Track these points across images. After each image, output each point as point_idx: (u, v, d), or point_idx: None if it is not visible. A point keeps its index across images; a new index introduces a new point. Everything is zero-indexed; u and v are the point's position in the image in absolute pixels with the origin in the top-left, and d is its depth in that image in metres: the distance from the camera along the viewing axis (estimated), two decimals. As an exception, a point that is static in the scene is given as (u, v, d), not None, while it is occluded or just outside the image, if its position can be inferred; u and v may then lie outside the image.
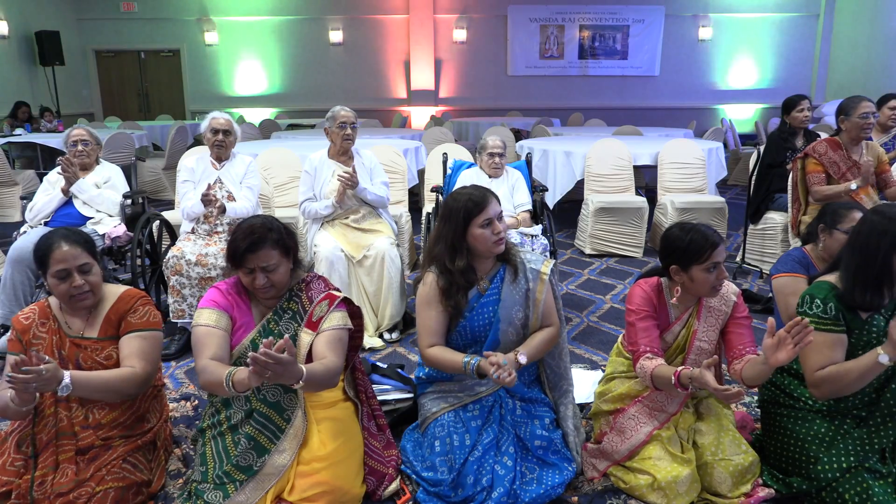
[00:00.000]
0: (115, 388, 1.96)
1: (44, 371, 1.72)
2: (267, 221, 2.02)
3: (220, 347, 1.95)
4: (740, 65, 12.09)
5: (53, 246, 1.97)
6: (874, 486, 1.87)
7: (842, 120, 3.62)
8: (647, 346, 2.08)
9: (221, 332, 1.98)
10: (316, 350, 1.98)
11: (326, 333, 1.99)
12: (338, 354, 1.97)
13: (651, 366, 2.03)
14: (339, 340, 2.00)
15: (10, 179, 6.03)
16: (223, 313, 2.01)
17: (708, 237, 2.01)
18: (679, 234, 2.05)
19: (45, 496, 1.84)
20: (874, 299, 1.93)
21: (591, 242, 5.08)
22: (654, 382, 2.03)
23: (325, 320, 2.01)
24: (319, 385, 1.90)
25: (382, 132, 8.02)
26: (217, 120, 3.49)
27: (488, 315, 2.17)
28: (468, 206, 2.11)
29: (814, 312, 1.97)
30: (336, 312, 2.03)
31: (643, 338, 2.09)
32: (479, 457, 2.04)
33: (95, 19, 11.63)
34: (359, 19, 11.76)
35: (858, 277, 1.93)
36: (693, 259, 2.02)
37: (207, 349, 1.93)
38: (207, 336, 1.96)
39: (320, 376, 1.87)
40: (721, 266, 2.03)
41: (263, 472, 1.91)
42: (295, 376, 1.74)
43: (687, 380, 1.91)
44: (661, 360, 2.05)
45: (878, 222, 1.93)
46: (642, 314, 2.11)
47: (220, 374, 1.82)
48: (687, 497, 2.00)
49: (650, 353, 2.07)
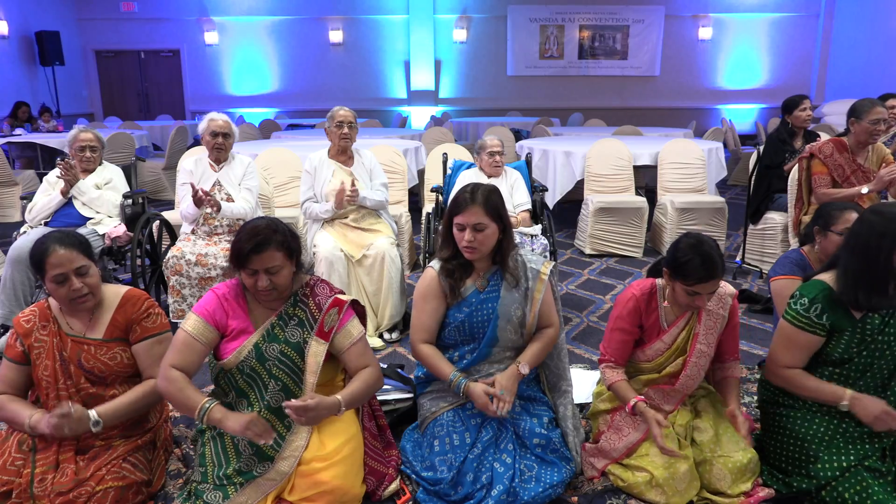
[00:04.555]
0: (144, 404, 2.07)
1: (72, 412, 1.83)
2: (272, 223, 2.00)
3: (191, 362, 1.97)
4: (740, 65, 12.09)
5: (49, 251, 1.96)
6: (874, 484, 1.87)
7: (852, 122, 3.52)
8: (613, 358, 2.18)
9: (200, 347, 1.98)
10: (350, 366, 2.07)
11: (353, 349, 2.06)
12: (370, 360, 2.08)
13: (613, 377, 2.16)
14: (365, 347, 2.10)
15: (10, 179, 6.04)
16: (211, 328, 1.99)
17: (705, 268, 1.96)
18: (685, 248, 2.00)
19: (45, 494, 1.84)
20: (881, 300, 1.92)
21: (590, 242, 5.08)
22: (611, 390, 2.18)
23: (343, 334, 2.04)
24: (366, 398, 2.08)
25: (382, 132, 8.02)
26: (215, 122, 3.45)
27: (487, 312, 2.17)
28: (453, 202, 2.16)
29: (795, 309, 2.01)
30: (350, 323, 2.07)
31: (612, 348, 2.19)
32: (479, 454, 2.04)
33: (95, 19, 11.63)
34: (359, 19, 11.76)
35: (861, 280, 1.91)
36: (680, 276, 2.02)
37: (179, 356, 1.95)
38: (185, 345, 1.96)
39: (363, 393, 2.02)
40: (703, 296, 2.02)
41: (266, 476, 1.91)
42: (333, 408, 1.88)
43: (640, 413, 2.04)
44: (622, 375, 2.16)
45: (877, 223, 1.91)
46: (621, 326, 2.16)
47: (193, 398, 1.89)
48: (686, 494, 2.00)
49: (613, 364, 2.18)
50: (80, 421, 1.85)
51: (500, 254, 2.19)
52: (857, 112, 3.51)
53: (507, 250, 2.19)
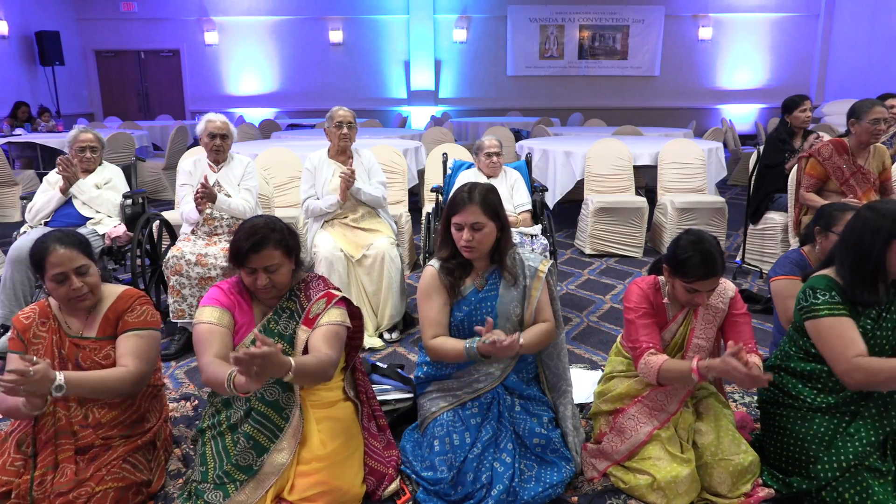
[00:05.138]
0: (110, 387, 1.95)
1: (31, 373, 1.69)
2: (270, 221, 2.01)
3: (223, 345, 1.94)
4: (740, 65, 12.09)
5: (49, 250, 1.96)
6: (874, 484, 1.87)
7: (852, 123, 3.52)
8: (650, 343, 2.06)
9: (224, 330, 1.98)
10: (311, 344, 1.95)
11: (323, 328, 1.97)
12: (333, 348, 1.94)
13: (658, 361, 2.01)
14: (336, 335, 1.98)
15: (10, 179, 6.04)
16: (225, 311, 2.01)
17: (704, 265, 1.96)
18: (685, 245, 2.01)
19: (45, 496, 1.84)
20: (870, 296, 1.94)
21: (590, 242, 5.08)
22: (662, 377, 2.01)
23: (323, 316, 2.00)
24: (312, 377, 1.87)
25: (382, 132, 8.02)
26: (213, 123, 3.43)
27: (486, 311, 2.17)
28: (451, 202, 2.16)
29: (822, 300, 1.95)
30: (334, 309, 2.02)
31: (644, 335, 2.08)
32: (479, 454, 2.04)
33: (95, 19, 11.63)
34: (359, 19, 11.77)
35: (854, 275, 1.94)
36: (680, 273, 2.02)
37: (210, 346, 1.92)
38: (210, 333, 1.95)
39: (312, 368, 1.83)
40: (702, 294, 2.02)
41: (263, 471, 1.91)
42: (283, 367, 1.70)
43: (706, 369, 1.89)
44: (666, 356, 2.04)
45: (871, 219, 1.92)
46: (640, 311, 2.12)
47: (221, 373, 1.80)
48: (687, 497, 2.00)
49: (653, 350, 2.05)
50: (41, 381, 1.71)
51: (499, 252, 2.19)
52: (856, 112, 3.50)
53: (505, 249, 2.19)
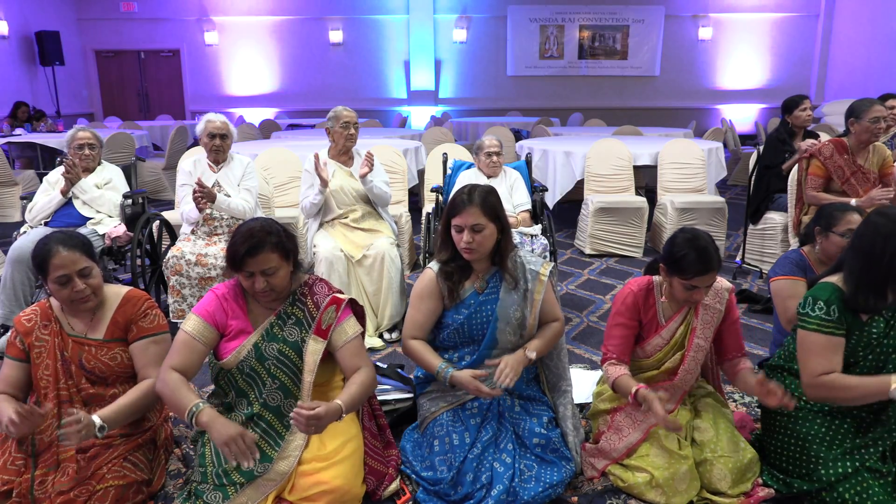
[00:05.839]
0: (143, 405, 2.04)
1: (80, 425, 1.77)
2: (266, 225, 1.99)
3: (191, 363, 1.97)
4: (740, 65, 12.09)
5: (52, 252, 1.95)
6: (874, 485, 1.87)
7: (851, 122, 3.52)
8: (615, 354, 2.17)
9: (201, 347, 1.99)
10: (344, 365, 2.04)
11: (347, 347, 2.04)
12: (364, 359, 2.05)
13: (615, 373, 2.13)
14: (360, 346, 2.07)
15: (10, 179, 6.04)
16: (211, 328, 2.00)
17: (701, 262, 1.98)
18: (681, 243, 2.02)
19: (46, 495, 1.84)
20: (878, 302, 1.92)
21: (590, 242, 5.08)
22: (615, 388, 2.14)
23: (339, 332, 2.03)
24: (364, 399, 2.05)
25: (382, 132, 8.02)
26: (213, 123, 3.44)
27: (486, 314, 2.17)
28: (451, 204, 2.16)
29: (816, 315, 1.95)
30: (347, 321, 2.06)
31: (614, 344, 2.18)
32: (479, 454, 2.04)
33: (95, 19, 11.63)
34: (359, 19, 11.76)
35: (862, 280, 1.91)
36: (677, 271, 2.03)
37: (179, 357, 1.96)
38: (185, 345, 1.97)
39: (360, 395, 1.97)
40: (701, 290, 2.04)
41: (265, 476, 1.91)
42: (335, 417, 1.83)
43: (642, 398, 1.99)
44: (626, 370, 2.14)
45: (882, 224, 1.90)
46: (621, 321, 2.17)
47: (185, 400, 1.86)
48: (686, 495, 2.00)
49: (615, 360, 2.17)
50: (87, 427, 1.80)
51: (499, 255, 2.19)
52: (855, 112, 3.51)
53: (506, 251, 2.19)
